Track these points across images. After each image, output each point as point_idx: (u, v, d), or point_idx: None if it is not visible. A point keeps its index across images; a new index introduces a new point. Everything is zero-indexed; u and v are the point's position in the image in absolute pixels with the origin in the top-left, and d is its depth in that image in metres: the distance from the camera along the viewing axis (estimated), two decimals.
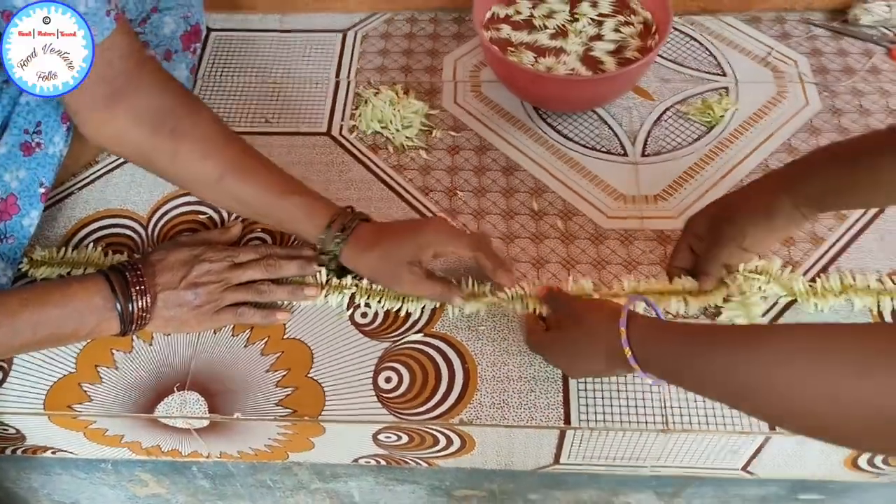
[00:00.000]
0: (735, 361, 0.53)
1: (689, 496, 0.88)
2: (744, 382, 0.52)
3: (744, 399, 0.54)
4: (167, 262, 0.75)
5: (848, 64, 0.98)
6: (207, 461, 0.84)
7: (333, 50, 1.03)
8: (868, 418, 0.46)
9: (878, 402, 0.45)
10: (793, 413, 0.51)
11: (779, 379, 0.50)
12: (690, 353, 0.58)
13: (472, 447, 0.76)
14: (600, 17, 0.95)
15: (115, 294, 0.71)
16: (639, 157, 0.90)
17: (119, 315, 0.71)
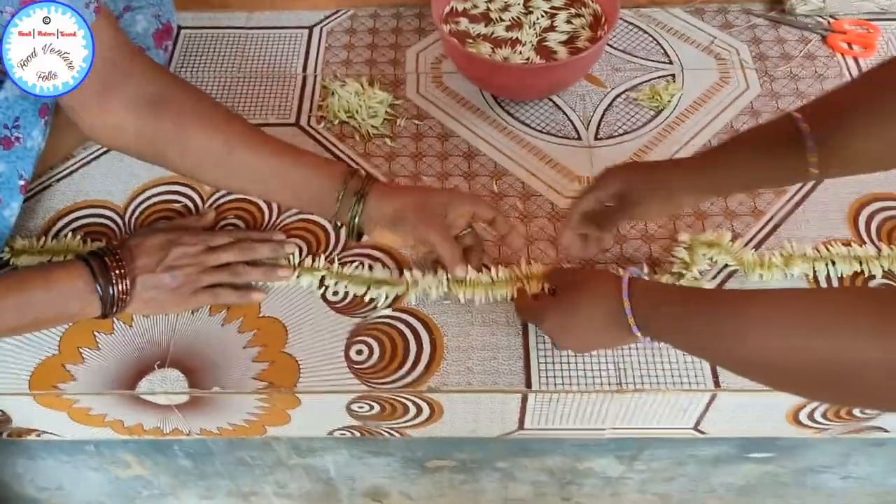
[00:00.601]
0: (721, 324, 0.59)
1: (647, 459, 0.93)
2: (728, 343, 0.59)
3: (727, 357, 0.61)
4: (144, 246, 0.79)
5: (786, 51, 1.04)
6: (188, 439, 0.88)
7: (300, 45, 1.08)
8: (830, 372, 0.52)
9: (836, 358, 0.51)
10: (766, 367, 0.58)
11: (756, 339, 0.57)
12: (684, 313, 0.63)
13: (441, 415, 0.81)
14: (553, 10, 1.01)
15: (96, 277, 0.74)
16: (592, 140, 0.95)
17: (100, 297, 0.74)
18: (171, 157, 0.76)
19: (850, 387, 0.53)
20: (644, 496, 1.03)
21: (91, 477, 0.99)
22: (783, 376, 0.58)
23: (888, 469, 0.95)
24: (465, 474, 0.97)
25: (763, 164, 0.71)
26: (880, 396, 0.52)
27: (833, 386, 0.54)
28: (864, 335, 0.50)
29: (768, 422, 0.81)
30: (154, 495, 1.05)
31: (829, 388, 0.55)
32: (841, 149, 0.67)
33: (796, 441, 0.88)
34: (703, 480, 0.99)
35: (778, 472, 0.96)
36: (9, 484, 1.02)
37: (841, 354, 0.51)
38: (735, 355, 0.60)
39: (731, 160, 0.73)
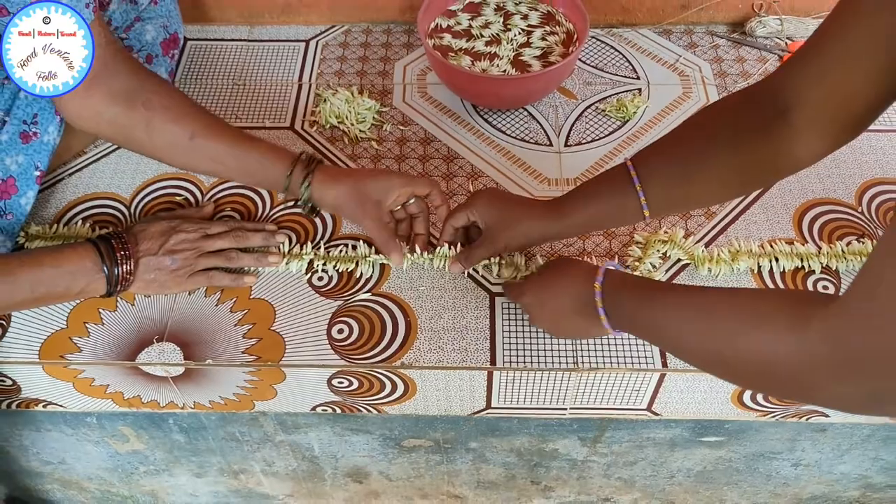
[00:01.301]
0: (666, 317, 0.68)
1: (609, 441, 1.00)
2: (671, 334, 0.68)
3: (671, 346, 0.70)
4: (148, 231, 0.87)
5: (745, 69, 1.13)
6: (183, 412, 0.95)
7: (297, 57, 1.17)
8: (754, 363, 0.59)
9: (759, 349, 0.58)
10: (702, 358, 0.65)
11: (692, 332, 0.65)
12: (640, 306, 0.71)
13: (415, 392, 0.88)
14: (529, 28, 1.10)
15: (103, 258, 0.82)
16: (562, 147, 1.04)
17: (106, 276, 0.82)
18: (140, 140, 0.85)
19: (772, 376, 0.59)
20: (609, 481, 1.10)
21: (92, 451, 1.07)
22: (717, 366, 0.65)
23: (835, 455, 1.02)
24: (439, 455, 1.04)
25: (601, 210, 0.79)
26: (797, 386, 0.58)
27: (759, 376, 0.61)
28: (782, 331, 0.56)
29: (715, 403, 0.88)
30: (150, 471, 1.12)
31: (757, 378, 0.62)
32: (664, 191, 0.76)
33: (744, 424, 0.95)
34: (663, 465, 1.05)
35: (731, 457, 1.03)
36: (16, 457, 1.10)
37: (763, 346, 0.58)
38: (677, 345, 0.69)
39: (573, 207, 0.81)
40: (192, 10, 1.19)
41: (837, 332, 0.51)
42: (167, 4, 1.06)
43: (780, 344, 0.56)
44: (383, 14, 1.21)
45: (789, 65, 0.68)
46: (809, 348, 0.54)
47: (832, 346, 0.52)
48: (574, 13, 1.08)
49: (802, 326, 0.54)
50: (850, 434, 0.97)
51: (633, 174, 0.76)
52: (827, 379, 0.53)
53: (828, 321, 0.52)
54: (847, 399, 0.55)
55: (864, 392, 0.52)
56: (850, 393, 0.53)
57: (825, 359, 0.52)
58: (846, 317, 0.51)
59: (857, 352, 0.50)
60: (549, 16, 1.11)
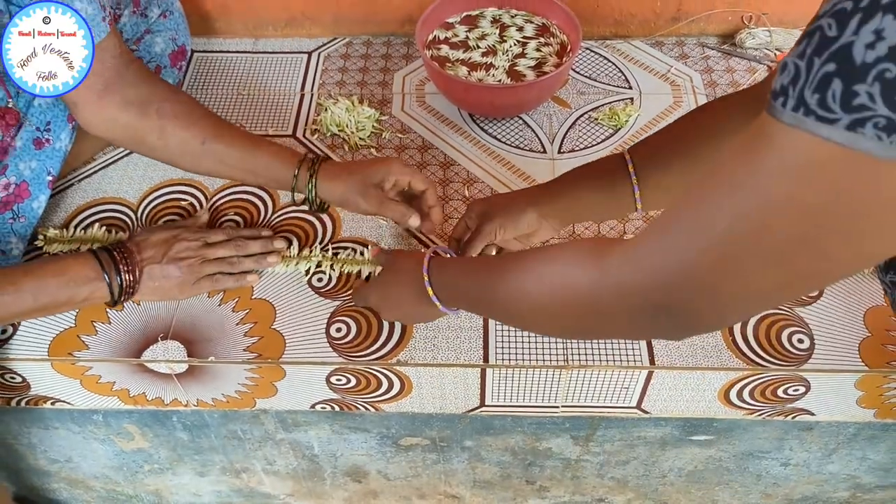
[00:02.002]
0: (486, 282, 0.71)
1: (600, 440, 1.02)
2: (490, 295, 0.70)
3: (494, 307, 0.72)
4: (150, 241, 0.89)
5: (734, 79, 1.16)
6: (186, 410, 0.98)
7: (300, 68, 1.20)
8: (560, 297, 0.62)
9: (566, 282, 0.61)
10: (515, 305, 0.67)
11: (508, 286, 0.67)
12: (464, 279, 0.75)
13: (411, 390, 0.91)
14: (524, 39, 1.13)
15: (103, 267, 0.84)
16: (556, 154, 1.07)
17: (108, 285, 0.84)
18: (153, 146, 0.89)
19: (577, 307, 0.61)
20: (602, 481, 1.13)
21: (98, 449, 1.10)
22: (530, 313, 0.67)
23: (823, 455, 1.04)
24: (436, 454, 1.07)
25: (594, 195, 0.82)
26: (599, 315, 0.59)
27: (565, 308, 0.62)
28: (585, 260, 0.60)
29: (702, 401, 0.91)
30: (154, 470, 1.15)
31: (563, 312, 0.63)
32: (660, 184, 0.79)
33: (732, 423, 0.98)
34: (655, 465, 1.08)
35: (721, 456, 1.05)
36: (24, 455, 1.13)
37: (568, 279, 0.61)
38: (499, 305, 0.70)
39: (567, 190, 0.84)
40: (200, 23, 1.23)
41: (633, 255, 0.55)
42: (176, 18, 1.11)
43: (582, 271, 0.59)
44: (383, 27, 1.25)
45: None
46: (609, 272, 0.57)
47: (630, 269, 0.55)
48: (568, 25, 1.12)
49: (604, 253, 0.58)
50: (836, 433, 0.99)
51: (629, 164, 0.79)
52: (622, 299, 0.56)
53: (625, 248, 0.56)
54: (638, 321, 0.57)
55: (650, 312, 0.55)
56: (640, 314, 0.56)
57: (623, 282, 0.55)
58: (642, 244, 0.54)
59: (648, 272, 0.53)
60: (543, 28, 1.14)
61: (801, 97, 0.39)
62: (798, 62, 0.40)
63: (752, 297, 0.52)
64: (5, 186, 0.91)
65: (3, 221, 0.91)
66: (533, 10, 1.16)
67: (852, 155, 0.38)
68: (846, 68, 0.37)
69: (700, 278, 0.51)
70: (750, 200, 0.45)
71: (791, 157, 0.41)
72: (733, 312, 0.56)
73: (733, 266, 0.48)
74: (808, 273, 0.48)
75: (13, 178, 0.92)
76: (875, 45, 0.36)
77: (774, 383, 0.87)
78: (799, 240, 0.45)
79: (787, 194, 0.43)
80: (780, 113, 0.41)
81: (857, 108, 0.37)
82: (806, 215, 0.43)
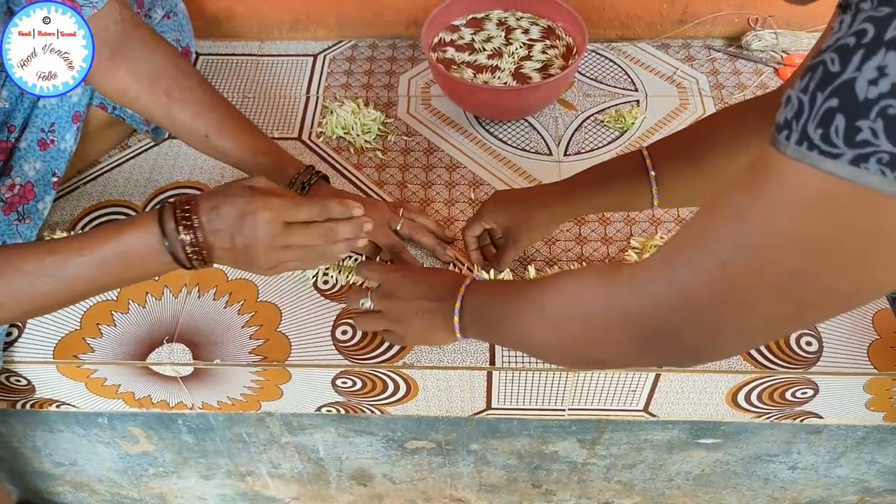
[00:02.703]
0: (509, 307, 0.72)
1: (607, 443, 1.02)
2: (512, 321, 0.71)
3: (512, 337, 0.73)
4: (221, 210, 0.69)
5: (741, 81, 1.15)
6: (191, 413, 0.98)
7: (305, 71, 1.20)
8: (570, 316, 0.65)
9: (579, 300, 0.63)
10: (530, 329, 0.69)
11: (528, 312, 0.69)
12: (490, 309, 0.75)
13: (417, 393, 0.91)
14: (530, 42, 1.13)
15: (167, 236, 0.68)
16: (562, 156, 1.07)
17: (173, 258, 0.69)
18: (160, 121, 0.91)
19: (586, 328, 0.62)
20: (609, 484, 1.12)
21: (103, 452, 1.09)
22: (543, 332, 0.68)
23: (831, 458, 1.03)
24: (441, 457, 1.06)
25: (612, 192, 0.83)
26: (609, 336, 0.60)
27: (579, 331, 0.64)
28: (594, 285, 0.62)
29: (710, 404, 0.90)
30: (159, 473, 1.14)
31: (574, 332, 0.65)
32: (676, 183, 0.79)
33: (740, 426, 0.97)
34: (661, 468, 1.07)
35: (728, 459, 1.04)
36: (29, 459, 1.12)
37: (582, 301, 0.63)
38: (516, 330, 0.71)
39: (585, 188, 0.84)
40: (206, 26, 1.23)
41: (639, 280, 0.56)
42: (179, 19, 1.10)
43: (593, 295, 0.61)
44: (389, 29, 1.24)
45: (795, 72, 0.72)
46: (616, 297, 0.58)
47: (636, 294, 0.56)
48: (574, 27, 1.11)
49: (614, 276, 0.60)
50: (845, 436, 0.98)
51: (648, 163, 0.79)
52: (626, 324, 0.57)
53: (632, 273, 0.57)
54: (639, 347, 0.58)
55: (652, 340, 0.56)
56: (643, 340, 0.57)
57: (627, 307, 0.57)
58: (647, 271, 0.56)
59: (650, 299, 0.55)
60: (549, 30, 1.14)
61: (804, 131, 0.40)
62: (801, 96, 0.40)
63: (752, 330, 0.53)
64: (10, 187, 0.91)
65: (9, 223, 0.91)
66: (538, 13, 1.16)
67: (856, 189, 0.39)
68: (849, 104, 0.38)
69: (699, 310, 0.52)
70: (753, 232, 0.45)
71: (795, 190, 0.42)
72: (732, 344, 0.57)
73: (734, 298, 0.49)
74: (810, 306, 0.49)
75: (18, 179, 0.92)
76: (878, 81, 0.37)
77: (782, 386, 0.86)
78: (801, 273, 0.45)
79: (790, 227, 0.43)
80: (783, 146, 0.41)
81: (861, 143, 0.38)
82: (809, 248, 0.43)
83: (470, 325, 0.77)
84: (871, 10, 0.38)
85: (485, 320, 0.76)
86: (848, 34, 0.38)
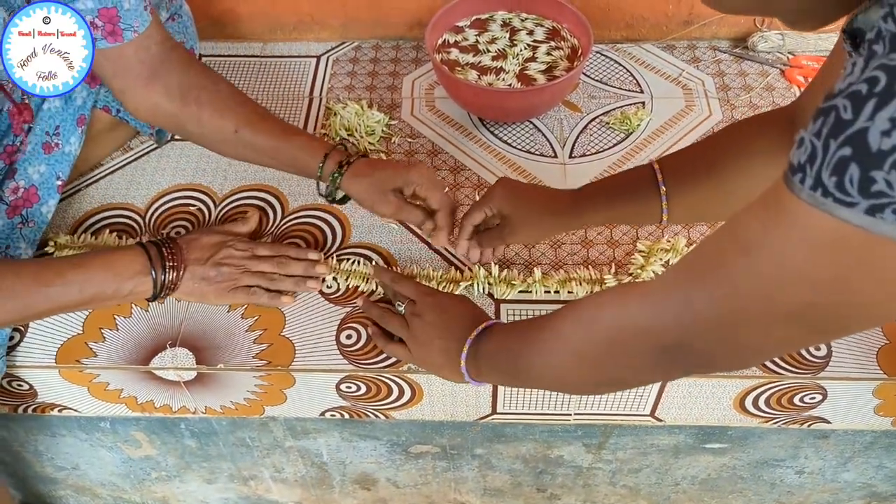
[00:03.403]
0: (521, 343, 0.72)
1: (613, 448, 1.01)
2: (527, 356, 0.71)
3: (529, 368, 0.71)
4: (199, 242, 0.89)
5: (747, 83, 1.15)
6: (194, 417, 0.97)
7: (308, 72, 1.20)
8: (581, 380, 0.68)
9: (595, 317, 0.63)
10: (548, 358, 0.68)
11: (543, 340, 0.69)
12: (503, 351, 0.74)
13: (422, 397, 0.90)
14: (535, 43, 1.12)
15: (153, 263, 0.84)
16: (567, 158, 1.06)
17: (153, 280, 0.84)
18: (193, 134, 0.91)
19: (612, 349, 0.62)
20: (614, 489, 1.11)
21: (105, 456, 1.09)
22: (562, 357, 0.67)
23: (839, 463, 1.02)
24: (446, 461, 1.06)
25: (621, 211, 0.83)
26: (637, 355, 0.60)
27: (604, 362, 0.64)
28: (610, 307, 0.62)
29: (717, 409, 0.90)
30: (161, 477, 1.14)
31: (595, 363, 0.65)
32: (686, 200, 0.79)
33: (747, 431, 0.96)
34: (667, 473, 1.06)
35: (735, 464, 1.03)
36: (30, 463, 1.12)
37: (596, 317, 0.63)
38: (529, 361, 0.70)
39: (595, 202, 0.84)
40: (209, 27, 1.23)
41: (651, 298, 0.57)
42: (184, 21, 1.09)
43: (607, 310, 0.62)
44: (392, 31, 1.24)
45: (807, 88, 0.71)
46: (628, 312, 0.59)
47: (649, 311, 0.57)
48: (579, 29, 1.11)
49: (626, 294, 0.61)
50: (853, 441, 0.97)
51: (659, 179, 0.79)
52: (640, 337, 0.58)
53: (645, 291, 0.58)
54: (653, 359, 0.58)
55: (667, 354, 0.57)
56: (657, 354, 0.58)
57: (639, 324, 0.57)
58: (660, 291, 0.57)
59: (666, 314, 0.55)
60: (554, 31, 1.13)
61: (818, 178, 0.40)
62: (815, 141, 0.40)
63: (768, 347, 0.54)
64: (14, 190, 0.91)
65: (13, 227, 0.90)
66: (543, 14, 1.15)
67: (870, 237, 0.39)
68: (862, 154, 0.37)
69: (714, 328, 0.53)
70: (764, 264, 0.46)
71: (808, 233, 0.42)
72: (748, 359, 0.59)
73: (747, 320, 0.50)
74: (824, 331, 0.51)
75: (22, 182, 0.91)
76: (891, 132, 0.36)
77: (791, 391, 0.86)
78: (813, 304, 0.46)
79: (801, 265, 0.44)
80: (798, 189, 0.41)
81: (876, 194, 0.38)
82: (819, 286, 0.44)
83: (485, 366, 0.76)
84: (884, 56, 0.38)
85: (502, 356, 0.74)
86: (860, 80, 0.38)
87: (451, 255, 0.95)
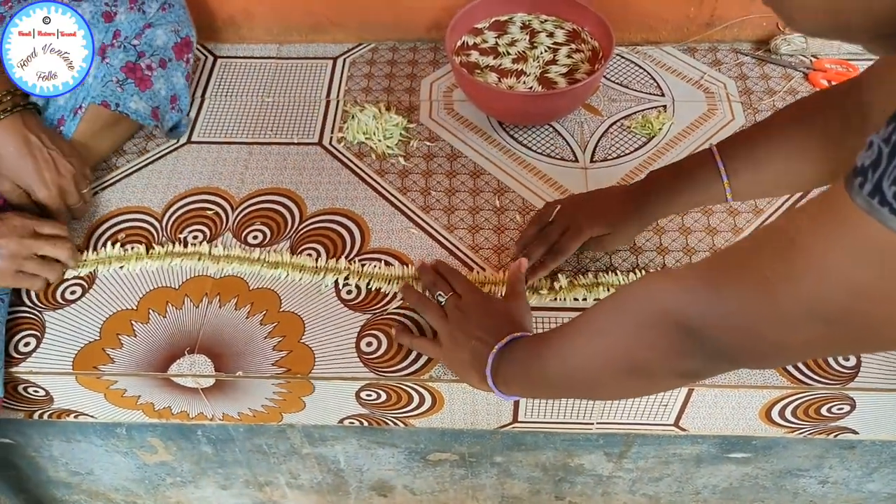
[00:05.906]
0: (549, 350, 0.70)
1: (635, 457, 1.00)
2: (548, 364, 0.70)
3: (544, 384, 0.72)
4: None
5: (770, 86, 1.13)
6: (211, 424, 0.96)
7: (325, 74, 1.18)
8: (608, 368, 0.64)
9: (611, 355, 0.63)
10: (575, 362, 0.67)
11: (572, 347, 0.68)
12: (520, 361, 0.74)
13: (442, 405, 0.89)
14: (555, 46, 1.11)
15: None
16: (588, 163, 1.04)
17: None
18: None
19: (639, 331, 0.60)
20: (634, 497, 1.10)
21: (120, 462, 1.08)
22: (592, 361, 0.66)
23: (864, 473, 1.01)
24: (464, 469, 1.04)
25: (685, 189, 0.82)
26: (661, 336, 0.59)
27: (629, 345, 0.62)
28: (636, 287, 0.61)
29: (743, 419, 0.88)
30: (176, 483, 1.13)
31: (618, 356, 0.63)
32: (745, 175, 0.79)
33: (772, 441, 0.95)
34: (688, 482, 1.05)
35: (757, 473, 1.02)
36: (45, 468, 1.11)
37: (625, 301, 0.62)
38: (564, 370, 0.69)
39: (657, 207, 0.85)
40: (224, 28, 1.22)
41: (684, 284, 0.56)
42: (176, 10, 1.06)
43: (635, 293, 0.61)
44: (410, 32, 1.22)
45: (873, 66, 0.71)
46: (657, 285, 0.59)
47: (679, 294, 0.56)
48: (599, 31, 1.09)
49: (654, 275, 0.61)
50: (880, 451, 0.96)
51: (717, 158, 0.80)
52: (668, 313, 0.57)
53: (679, 275, 0.57)
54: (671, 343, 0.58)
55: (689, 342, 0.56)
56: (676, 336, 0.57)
57: (669, 296, 0.57)
58: (694, 276, 0.56)
59: (695, 298, 0.55)
60: (574, 33, 1.12)
61: (878, 185, 0.39)
62: (882, 146, 0.39)
63: (793, 348, 0.53)
64: None
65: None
66: (563, 16, 1.14)
67: None
68: None
69: (739, 321, 0.52)
70: (803, 262, 0.46)
71: (857, 239, 0.42)
72: (772, 358, 0.58)
73: (776, 316, 0.49)
74: (853, 340, 0.50)
75: None
76: None
77: (818, 402, 0.84)
78: (850, 311, 0.45)
79: (842, 269, 0.43)
80: (855, 193, 0.41)
81: None
82: (859, 291, 0.44)
83: (509, 371, 0.74)
84: None
85: (528, 359, 0.73)
86: None
87: (472, 260, 0.94)
